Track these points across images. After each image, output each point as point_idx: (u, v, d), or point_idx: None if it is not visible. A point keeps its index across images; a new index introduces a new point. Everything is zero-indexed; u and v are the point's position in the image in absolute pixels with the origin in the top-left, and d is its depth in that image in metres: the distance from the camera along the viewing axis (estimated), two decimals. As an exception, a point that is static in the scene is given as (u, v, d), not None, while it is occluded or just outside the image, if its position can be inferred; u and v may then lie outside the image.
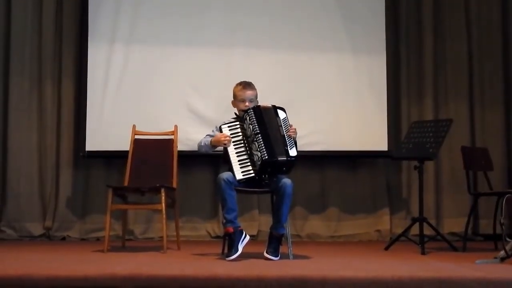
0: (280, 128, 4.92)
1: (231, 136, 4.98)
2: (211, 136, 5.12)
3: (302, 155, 4.99)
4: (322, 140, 6.92)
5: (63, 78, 7.14)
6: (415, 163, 5.69)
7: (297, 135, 5.03)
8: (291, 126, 4.98)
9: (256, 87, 5.19)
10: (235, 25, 7.12)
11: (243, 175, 4.85)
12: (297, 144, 5.02)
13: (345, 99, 7.12)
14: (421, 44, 7.38)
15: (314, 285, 3.61)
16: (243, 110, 5.04)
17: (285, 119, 4.99)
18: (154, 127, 6.32)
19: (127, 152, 6.08)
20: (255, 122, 4.90)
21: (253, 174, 4.85)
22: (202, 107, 7.01)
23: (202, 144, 5.15)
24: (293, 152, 4.88)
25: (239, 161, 4.90)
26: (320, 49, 7.15)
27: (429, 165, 7.01)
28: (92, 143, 6.89)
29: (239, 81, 5.22)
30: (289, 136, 4.92)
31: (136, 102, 6.96)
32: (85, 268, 4.05)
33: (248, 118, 4.95)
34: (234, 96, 5.16)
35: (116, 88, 6.99)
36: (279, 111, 5.01)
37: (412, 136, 5.88)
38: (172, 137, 6.09)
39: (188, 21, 7.09)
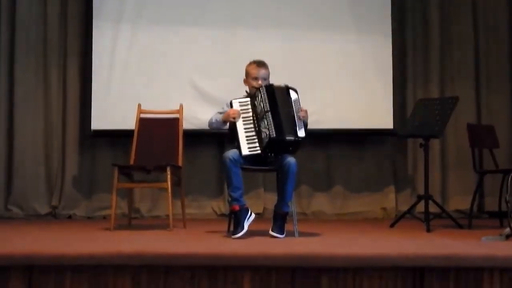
0: (290, 108, 4.90)
1: (241, 111, 4.96)
2: (221, 113, 5.11)
3: (307, 133, 4.96)
4: (328, 119, 6.90)
5: (69, 58, 7.13)
6: (421, 141, 5.68)
7: (308, 118, 5.02)
8: (302, 108, 4.96)
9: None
10: (240, 6, 7.11)
11: (249, 151, 4.83)
12: (307, 126, 5.00)
13: (351, 78, 7.10)
14: (427, 25, 7.35)
15: (320, 262, 3.62)
16: (255, 88, 5.03)
17: (297, 100, 4.97)
18: (160, 106, 6.29)
19: (133, 131, 6.08)
20: (266, 100, 4.88)
21: (259, 151, 4.84)
22: (208, 86, 7.00)
23: (213, 120, 5.13)
24: (301, 133, 4.87)
25: (246, 137, 4.88)
26: (325, 30, 7.12)
27: (435, 143, 6.99)
28: (98, 123, 6.92)
29: (249, 61, 5.18)
30: (299, 117, 4.90)
31: (141, 82, 6.96)
32: (92, 246, 4.08)
33: (260, 95, 4.93)
34: (247, 74, 5.13)
35: (122, 68, 6.99)
36: (291, 92, 4.98)
37: (418, 114, 5.86)
38: (177, 115, 6.07)
39: (194, 1, 7.07)
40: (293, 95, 4.97)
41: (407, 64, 7.34)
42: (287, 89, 4.99)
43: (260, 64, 5.11)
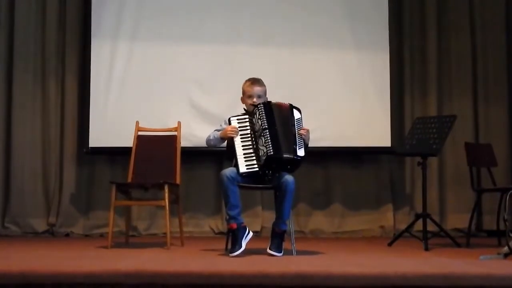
0: (293, 127, 4.91)
1: (239, 129, 4.96)
2: (219, 130, 5.11)
3: (307, 152, 4.96)
4: (325, 136, 6.90)
5: (67, 74, 7.16)
6: (419, 159, 5.68)
7: (309, 139, 5.03)
8: (303, 128, 4.98)
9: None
10: (239, 22, 7.13)
11: (246, 169, 4.83)
12: (308, 146, 5.01)
13: (349, 95, 7.12)
14: (425, 40, 7.39)
15: (317, 281, 3.60)
16: (252, 105, 5.03)
17: (300, 119, 4.99)
18: (158, 123, 6.31)
19: (130, 148, 6.07)
20: (264, 117, 4.88)
21: (257, 169, 4.83)
22: (206, 104, 7.01)
23: (211, 137, 5.13)
24: (301, 152, 4.87)
25: (244, 154, 4.88)
26: (323, 46, 7.15)
27: (433, 161, 7.02)
28: (96, 139, 6.91)
29: (247, 78, 5.20)
30: (300, 136, 4.91)
31: (139, 99, 6.97)
32: (89, 264, 4.05)
33: (257, 112, 4.93)
34: (243, 92, 5.16)
35: (120, 85, 7.01)
36: (295, 111, 5.00)
37: (416, 132, 5.86)
38: (175, 133, 6.06)
39: (192, 18, 7.10)
40: (296, 114, 4.99)
41: (404, 80, 7.36)
42: (291, 108, 5.00)
43: (255, 81, 5.13)
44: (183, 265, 4.10)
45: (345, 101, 7.11)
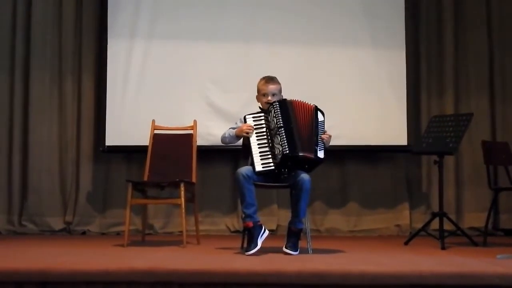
0: (316, 128, 4.92)
1: (255, 127, 4.97)
2: (234, 128, 5.12)
3: (325, 158, 4.97)
4: (342, 135, 6.82)
5: (83, 73, 7.18)
6: (435, 157, 5.65)
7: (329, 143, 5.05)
8: (326, 132, 4.99)
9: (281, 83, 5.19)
10: (255, 20, 7.11)
11: (262, 167, 4.84)
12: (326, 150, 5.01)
13: (365, 93, 7.09)
14: (441, 37, 7.33)
15: (334, 280, 3.60)
16: (267, 104, 5.03)
17: (322, 122, 5.00)
18: (174, 122, 6.32)
19: (146, 147, 6.09)
20: (279, 115, 4.88)
21: (273, 167, 4.84)
22: (222, 102, 7.01)
23: (226, 135, 5.14)
24: (321, 154, 4.90)
25: (260, 152, 4.88)
26: (339, 44, 7.13)
27: (449, 160, 6.97)
28: (112, 138, 6.93)
29: (262, 76, 5.20)
30: (321, 138, 4.92)
31: (156, 97, 6.97)
32: (105, 263, 4.08)
33: (273, 111, 4.93)
34: (258, 90, 5.16)
35: (136, 83, 7.01)
36: (319, 113, 5.01)
37: (432, 131, 5.83)
38: (191, 131, 6.08)
39: (208, 16, 7.09)
40: (320, 116, 5.01)
41: (421, 77, 7.32)
42: (315, 110, 5.00)
43: (269, 80, 5.13)
44: (199, 263, 4.10)
45: (362, 99, 7.09)
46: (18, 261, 4.28)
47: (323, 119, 5.02)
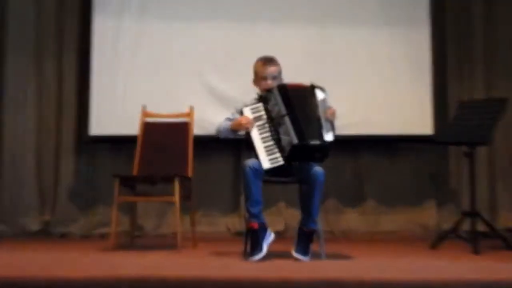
0: (316, 109, 4.84)
1: (254, 119, 4.91)
2: (230, 119, 5.06)
3: (334, 139, 4.90)
4: (356, 123, 6.86)
5: (65, 53, 7.17)
6: (465, 148, 5.63)
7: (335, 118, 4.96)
8: (329, 108, 4.90)
9: (281, 65, 5.14)
10: (258, -1, 7.14)
11: (270, 163, 4.78)
12: (334, 128, 4.93)
13: (382, 77, 7.10)
14: (470, 14, 7.32)
15: (350, 290, 3.59)
16: (265, 89, 4.96)
17: (324, 100, 4.91)
18: (168, 108, 6.31)
19: (136, 136, 6.09)
20: (281, 102, 4.83)
21: (282, 162, 4.78)
22: (222, 87, 7.02)
23: (221, 129, 5.10)
24: (328, 137, 4.80)
25: (265, 147, 4.83)
26: (352, 22, 7.14)
27: (482, 151, 6.97)
28: (98, 126, 6.93)
29: (259, 57, 5.15)
30: (326, 119, 4.83)
31: (147, 81, 6.97)
32: (88, 270, 4.07)
33: (272, 98, 4.88)
34: (255, 73, 5.12)
35: (125, 66, 7.01)
36: (317, 91, 4.93)
37: (461, 118, 5.82)
38: (187, 119, 6.09)
39: (207, -8, 7.12)
40: (319, 94, 4.92)
41: (448, 59, 7.31)
42: (312, 88, 4.93)
43: (268, 61, 5.10)
44: (196, 270, 4.11)
45: (378, 83, 7.08)
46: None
47: (323, 96, 4.92)
